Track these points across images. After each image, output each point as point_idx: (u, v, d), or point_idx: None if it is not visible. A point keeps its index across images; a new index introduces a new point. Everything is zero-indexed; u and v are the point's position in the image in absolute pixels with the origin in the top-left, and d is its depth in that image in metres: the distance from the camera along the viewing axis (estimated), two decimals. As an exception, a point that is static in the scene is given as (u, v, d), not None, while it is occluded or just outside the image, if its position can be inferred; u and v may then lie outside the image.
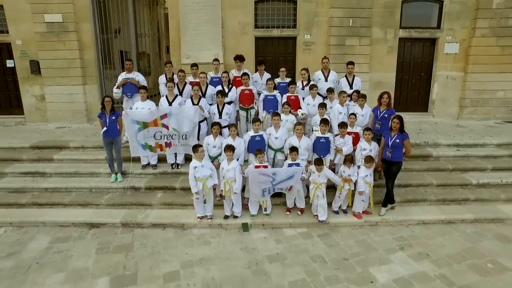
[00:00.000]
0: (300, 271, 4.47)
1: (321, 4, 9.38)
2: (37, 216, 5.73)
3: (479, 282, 4.21)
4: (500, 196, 6.12)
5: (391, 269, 4.49)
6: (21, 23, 9.47)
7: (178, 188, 6.25)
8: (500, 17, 9.32)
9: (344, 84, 7.01)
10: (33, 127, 9.78)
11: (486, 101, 9.92)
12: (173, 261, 4.71)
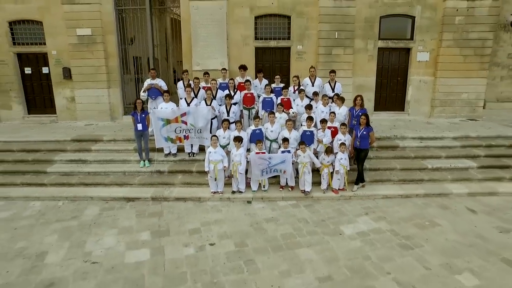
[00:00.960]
0: (289, 228, 6.11)
1: (311, 20, 11.02)
2: (85, 193, 7.37)
3: (416, 233, 5.87)
4: (447, 177, 7.77)
5: (355, 226, 6.15)
6: (56, 36, 11.11)
7: (195, 172, 7.89)
8: (461, 31, 10.97)
9: (328, 88, 8.65)
10: (65, 124, 11.42)
11: (452, 101, 11.57)
12: (195, 222, 6.36)
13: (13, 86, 11.60)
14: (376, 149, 8.65)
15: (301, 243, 5.58)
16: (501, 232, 5.90)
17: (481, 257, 5.15)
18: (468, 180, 7.75)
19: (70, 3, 10.75)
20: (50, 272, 4.85)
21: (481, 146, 8.82)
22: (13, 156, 8.56)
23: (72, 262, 5.08)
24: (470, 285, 4.52)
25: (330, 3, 10.70)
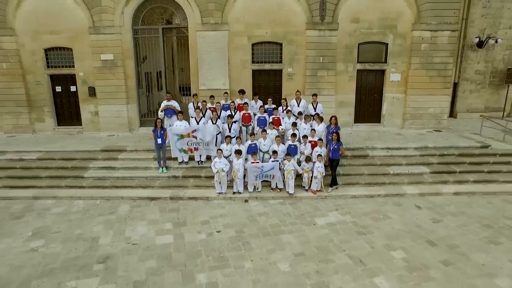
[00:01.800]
0: (276, 220, 8.10)
1: (299, 46, 13.00)
2: (117, 193, 9.36)
3: (371, 224, 7.85)
4: (404, 181, 9.76)
5: (326, 219, 8.13)
6: (83, 60, 13.10)
7: (203, 176, 9.87)
8: (426, 56, 12.96)
9: (311, 108, 10.65)
10: (90, 135, 13.43)
11: (421, 115, 13.56)
12: (205, 215, 8.34)
13: (46, 102, 13.59)
14: (350, 157, 10.65)
15: (284, 230, 7.57)
16: (434, 222, 7.89)
17: (413, 239, 7.15)
18: (420, 183, 9.74)
19: (96, 33, 12.74)
20: (104, 250, 6.84)
21: (436, 155, 10.81)
22: (55, 164, 10.55)
23: (118, 244, 7.07)
24: (398, 257, 6.51)
25: (315, 33, 12.69)
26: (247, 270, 6.14)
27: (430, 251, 6.76)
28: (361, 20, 12.89)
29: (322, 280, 5.87)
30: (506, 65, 17.39)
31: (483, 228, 7.63)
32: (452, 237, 7.24)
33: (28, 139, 12.94)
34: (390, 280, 5.84)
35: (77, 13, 12.72)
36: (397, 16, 12.91)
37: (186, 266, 6.29)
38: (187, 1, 12.56)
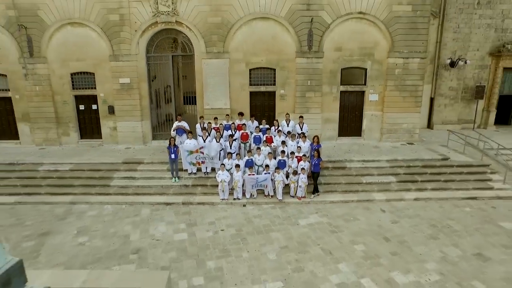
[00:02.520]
0: (267, 221, 10.21)
1: (290, 71, 15.12)
2: (139, 199, 11.47)
3: (342, 224, 9.96)
4: (374, 189, 11.87)
5: (307, 220, 10.24)
6: (104, 83, 15.23)
7: (209, 185, 11.98)
8: (400, 79, 15.09)
9: (298, 128, 12.77)
10: (109, 147, 15.54)
11: (396, 130, 15.68)
12: (211, 217, 10.45)
13: (71, 119, 15.71)
14: (331, 169, 12.77)
15: (274, 229, 9.69)
16: (392, 223, 10.01)
17: (373, 236, 9.26)
18: (387, 190, 11.86)
19: (116, 60, 14.86)
20: (135, 244, 8.95)
21: (403, 166, 12.93)
22: (85, 174, 12.66)
23: (145, 240, 9.18)
24: (359, 249, 8.62)
25: (304, 60, 14.83)
26: (244, 259, 8.25)
27: (384, 245, 8.87)
28: (343, 49, 15.02)
29: (300, 265, 7.98)
30: (475, 83, 19.56)
31: (429, 227, 9.75)
32: (404, 235, 9.36)
33: (57, 151, 15.06)
34: (349, 266, 7.96)
35: (99, 43, 14.84)
36: (374, 46, 15.04)
37: (199, 256, 8.40)
38: (194, 34, 14.68)
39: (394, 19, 14.66)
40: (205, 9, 14.34)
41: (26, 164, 13.32)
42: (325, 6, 14.40)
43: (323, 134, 15.46)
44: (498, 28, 19.01)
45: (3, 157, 13.97)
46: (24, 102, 15.50)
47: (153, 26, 14.72)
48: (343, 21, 14.65)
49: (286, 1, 14.29)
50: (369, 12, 14.58)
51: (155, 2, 14.22)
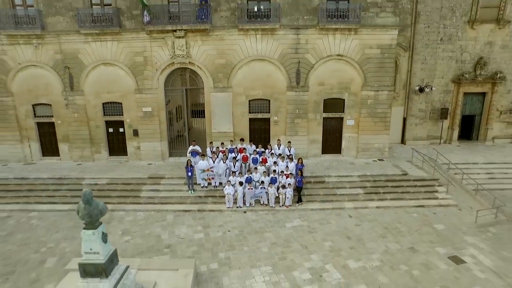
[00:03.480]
0: (262, 224, 13.65)
1: (282, 102, 18.56)
2: (164, 208, 14.90)
3: (318, 226, 13.42)
4: (346, 199, 15.31)
5: (292, 223, 13.68)
6: (130, 111, 18.68)
7: (218, 196, 15.43)
8: (372, 108, 18.54)
9: (286, 151, 16.24)
10: (134, 163, 18.97)
11: (369, 148, 19.13)
12: (220, 221, 13.89)
13: (102, 139, 19.15)
14: (313, 183, 16.21)
15: (266, 231, 13.13)
16: (355, 225, 13.46)
17: (339, 236, 12.71)
18: (356, 200, 15.30)
19: (140, 93, 18.30)
20: (166, 242, 12.39)
21: (370, 181, 16.38)
22: (119, 187, 16.10)
23: (173, 238, 12.62)
24: (327, 245, 12.07)
25: (293, 93, 18.27)
26: (245, 251, 11.69)
27: (346, 242, 12.32)
28: (325, 84, 18.49)
29: (284, 256, 11.42)
30: (441, 105, 23.03)
31: (382, 229, 13.20)
32: (362, 234, 12.80)
33: (92, 166, 18.51)
34: (318, 256, 11.39)
35: (127, 79, 18.29)
36: (350, 81, 18.50)
37: (213, 249, 11.85)
38: (203, 72, 18.14)
39: (366, 60, 18.12)
40: (212, 52, 17.80)
41: (72, 178, 16.78)
42: (310, 50, 17.85)
43: (309, 152, 18.95)
44: (458, 60, 22.48)
45: (52, 172, 17.42)
46: (65, 126, 18.94)
47: (170, 66, 18.17)
48: (324, 61, 18.11)
49: (278, 46, 17.75)
50: (346, 55, 18.04)
51: (172, 47, 17.65)
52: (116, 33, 17.53)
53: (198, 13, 16.90)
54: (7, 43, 17.82)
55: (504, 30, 22.01)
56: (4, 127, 18.87)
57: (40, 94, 18.70)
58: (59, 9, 17.49)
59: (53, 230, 13.33)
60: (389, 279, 10.23)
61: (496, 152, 21.41)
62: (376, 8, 17.58)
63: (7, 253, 11.76)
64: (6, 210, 14.95)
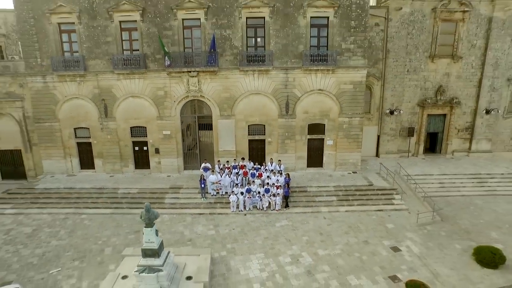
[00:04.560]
0: (258, 223, 18.29)
1: (274, 127, 23.21)
2: (183, 211, 19.53)
3: (299, 226, 18.05)
4: (322, 204, 19.93)
5: (280, 223, 18.31)
6: (152, 133, 23.33)
7: (224, 202, 20.05)
8: (347, 131, 23.20)
9: (277, 167, 20.89)
10: (155, 175, 23.60)
11: (345, 163, 23.80)
12: (227, 222, 18.52)
13: (129, 156, 23.78)
14: (298, 192, 20.85)
15: (261, 229, 17.78)
16: (328, 225, 18.12)
17: (314, 233, 17.35)
18: (330, 206, 19.92)
19: (161, 119, 22.93)
20: (187, 237, 17.03)
21: (343, 190, 21.02)
22: (147, 195, 20.71)
23: (192, 234, 17.26)
24: (304, 239, 16.69)
25: (283, 120, 22.91)
26: (245, 243, 16.32)
27: (319, 237, 16.96)
28: (309, 112, 23.14)
29: (273, 246, 16.05)
30: (409, 124, 27.69)
31: (347, 228, 17.82)
32: (331, 231, 17.44)
33: (122, 178, 23.13)
34: (297, 246, 16.00)
35: (150, 109, 22.93)
36: (329, 110, 23.16)
37: (222, 242, 16.48)
38: (212, 103, 22.78)
39: (341, 93, 22.77)
40: (219, 88, 22.46)
41: (109, 188, 21.41)
42: (296, 86, 22.52)
43: (296, 166, 23.62)
44: (422, 87, 27.16)
45: (92, 183, 22.06)
46: (99, 145, 23.58)
47: (185, 98, 22.82)
48: (308, 95, 22.77)
49: (271, 83, 22.41)
50: (325, 89, 22.70)
51: (187, 84, 22.30)
52: (142, 73, 22.18)
53: (208, 58, 21.55)
54: (57, 81, 22.46)
55: (458, 64, 26.71)
56: (52, 146, 23.51)
57: (80, 120, 23.34)
58: (98, 54, 22.14)
59: (103, 229, 17.95)
60: (345, 262, 14.87)
61: (451, 164, 26.13)
62: (349, 53, 22.24)
63: (75, 244, 16.39)
64: (63, 213, 19.55)
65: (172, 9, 21.36)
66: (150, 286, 11.99)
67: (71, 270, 14.40)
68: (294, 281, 13.57)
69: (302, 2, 21.35)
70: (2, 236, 17.24)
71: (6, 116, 23.45)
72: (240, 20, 21.55)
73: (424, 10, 25.75)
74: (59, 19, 21.76)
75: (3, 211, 19.79)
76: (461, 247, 15.91)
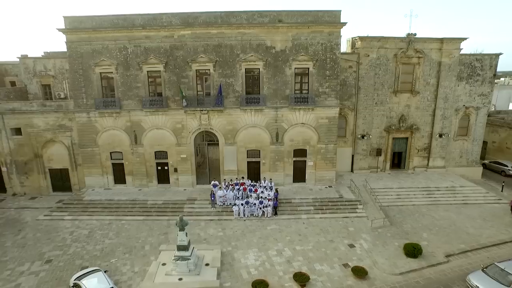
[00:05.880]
0: (254, 227, 24.82)
1: (267, 151, 29.74)
2: (198, 218, 26.08)
3: (284, 229, 24.59)
4: (302, 213, 26.43)
5: (271, 227, 24.84)
6: (172, 156, 29.85)
7: (229, 211, 26.55)
8: (324, 155, 29.75)
9: (269, 184, 27.45)
10: (174, 189, 30.13)
11: (323, 179, 30.34)
12: (231, 226, 25.03)
13: (153, 174, 30.31)
14: (284, 203, 27.39)
15: (256, 231, 24.32)
16: (305, 228, 24.65)
17: (295, 234, 23.86)
18: (308, 213, 26.43)
19: (179, 146, 29.49)
20: (203, 237, 23.55)
21: (319, 201, 27.50)
22: (170, 206, 27.20)
23: (206, 235, 23.77)
24: (287, 238, 23.24)
25: (274, 146, 29.48)
26: (244, 242, 22.82)
27: (298, 237, 23.48)
28: (294, 140, 29.70)
29: (264, 244, 22.55)
30: (378, 146, 34.31)
31: (319, 230, 24.35)
32: (307, 233, 23.96)
33: (148, 191, 29.66)
34: (281, 244, 22.51)
35: (170, 137, 29.48)
36: (310, 138, 29.72)
37: (228, 241, 22.99)
38: (219, 133, 29.35)
39: (319, 125, 29.34)
40: (224, 122, 29.02)
41: (140, 200, 27.95)
42: (284, 120, 29.09)
43: (285, 182, 30.19)
44: (388, 116, 33.75)
45: (126, 196, 28.60)
46: (130, 165, 30.13)
47: (197, 130, 29.38)
48: (293, 127, 29.34)
49: (265, 118, 28.96)
50: (307, 123, 29.26)
51: (199, 119, 28.84)
52: (164, 111, 28.76)
53: (216, 100, 28.12)
54: (98, 116, 29.02)
55: (416, 97, 33.32)
56: (92, 166, 30.05)
57: (115, 146, 29.88)
58: (130, 96, 28.71)
59: (139, 231, 24.47)
60: (314, 254, 21.37)
61: (410, 179, 32.74)
62: (325, 95, 28.83)
63: (122, 242, 22.87)
64: (108, 219, 26.05)
65: (188, 62, 27.93)
66: (182, 269, 18.49)
67: (124, 260, 20.89)
68: (278, 267, 20.07)
69: (288, 57, 27.93)
70: (68, 236, 23.75)
71: (58, 142, 29.96)
72: (240, 70, 28.13)
73: (388, 55, 32.35)
74: (101, 69, 28.31)
75: (63, 217, 26.31)
76: (398, 244, 22.42)
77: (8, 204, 28.99)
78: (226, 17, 27.23)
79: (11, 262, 20.44)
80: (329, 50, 27.90)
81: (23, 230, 24.57)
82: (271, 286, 17.88)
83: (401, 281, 18.86)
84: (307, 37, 27.60)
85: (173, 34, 27.50)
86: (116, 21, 27.34)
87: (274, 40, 27.62)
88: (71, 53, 27.97)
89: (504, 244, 22.52)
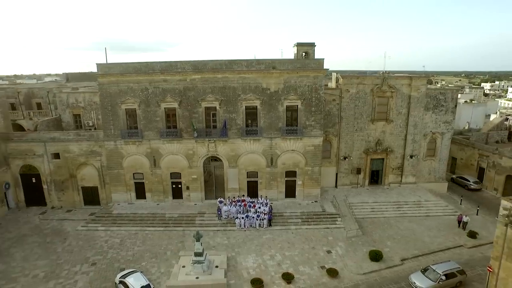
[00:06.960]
0: (253, 236, 30.93)
1: (264, 173, 35.88)
2: (208, 229, 32.20)
3: (277, 237, 30.73)
4: (292, 224, 32.55)
5: (266, 236, 30.96)
6: (185, 177, 36.00)
7: (232, 223, 32.69)
8: (310, 175, 35.90)
9: (264, 200, 33.60)
10: (186, 203, 36.32)
11: (310, 195, 36.44)
12: (235, 235, 31.17)
13: (169, 191, 36.46)
14: (277, 216, 33.52)
15: (254, 239, 30.43)
16: (293, 237, 30.78)
17: (285, 241, 29.99)
18: (297, 225, 32.52)
19: (190, 168, 35.65)
20: (211, 244, 29.66)
21: (305, 214, 33.61)
22: (184, 219, 33.30)
23: (215, 243, 29.87)
24: (278, 245, 29.37)
25: (269, 169, 35.62)
26: (245, 248, 28.91)
27: (287, 244, 29.57)
28: (286, 163, 35.86)
29: (260, 250, 28.64)
30: (358, 165, 40.53)
31: (304, 239, 30.42)
32: (295, 241, 30.04)
33: (165, 205, 35.80)
34: (274, 250, 28.61)
35: (184, 161, 35.64)
36: (299, 162, 35.86)
37: (232, 248, 29.12)
38: (224, 158, 35.51)
39: (307, 152, 35.50)
40: (228, 149, 35.20)
41: (159, 213, 34.10)
42: (277, 147, 35.26)
43: (278, 198, 36.34)
44: (366, 140, 39.93)
45: (147, 210, 34.76)
46: (149, 184, 36.30)
47: (206, 155, 35.55)
48: (285, 153, 35.50)
49: (261, 146, 35.12)
50: (296, 149, 35.43)
51: (207, 147, 35.02)
52: (178, 140, 34.95)
53: (221, 132, 34.32)
54: (124, 144, 35.21)
55: (391, 125, 39.51)
56: (118, 184, 36.22)
57: (137, 168, 36.06)
58: (150, 128, 34.91)
59: (161, 240, 30.57)
60: (299, 259, 27.45)
61: (384, 194, 38.91)
62: (311, 127, 35.00)
63: (148, 249, 28.97)
64: (134, 230, 32.18)
65: (198, 101, 34.12)
66: (198, 270, 24.61)
67: (152, 263, 27.02)
68: (270, 268, 26.19)
69: (280, 96, 34.13)
70: (104, 244, 29.87)
71: (90, 165, 36.13)
72: (241, 107, 34.33)
73: (366, 90, 38.56)
74: (126, 106, 34.50)
75: (97, 228, 32.46)
76: (365, 250, 28.52)
77: (50, 216, 35.15)
78: (230, 64, 33.43)
79: (66, 264, 26.59)
80: (314, 91, 34.09)
81: (67, 239, 30.70)
82: (265, 283, 24.01)
83: (363, 279, 24.99)
84: (296, 80, 33.79)
85: (186, 78, 33.68)
86: (139, 67, 33.53)
87: (269, 83, 33.81)
88: (102, 92, 34.17)
89: (448, 250, 28.66)
